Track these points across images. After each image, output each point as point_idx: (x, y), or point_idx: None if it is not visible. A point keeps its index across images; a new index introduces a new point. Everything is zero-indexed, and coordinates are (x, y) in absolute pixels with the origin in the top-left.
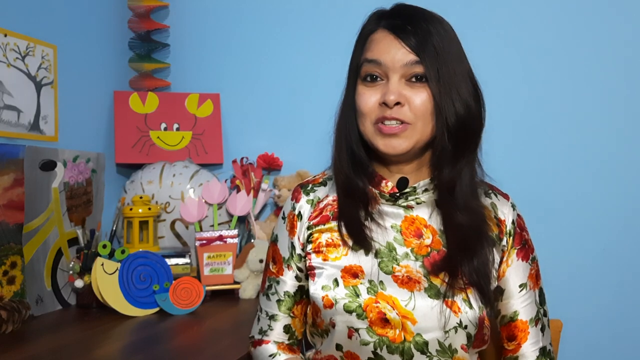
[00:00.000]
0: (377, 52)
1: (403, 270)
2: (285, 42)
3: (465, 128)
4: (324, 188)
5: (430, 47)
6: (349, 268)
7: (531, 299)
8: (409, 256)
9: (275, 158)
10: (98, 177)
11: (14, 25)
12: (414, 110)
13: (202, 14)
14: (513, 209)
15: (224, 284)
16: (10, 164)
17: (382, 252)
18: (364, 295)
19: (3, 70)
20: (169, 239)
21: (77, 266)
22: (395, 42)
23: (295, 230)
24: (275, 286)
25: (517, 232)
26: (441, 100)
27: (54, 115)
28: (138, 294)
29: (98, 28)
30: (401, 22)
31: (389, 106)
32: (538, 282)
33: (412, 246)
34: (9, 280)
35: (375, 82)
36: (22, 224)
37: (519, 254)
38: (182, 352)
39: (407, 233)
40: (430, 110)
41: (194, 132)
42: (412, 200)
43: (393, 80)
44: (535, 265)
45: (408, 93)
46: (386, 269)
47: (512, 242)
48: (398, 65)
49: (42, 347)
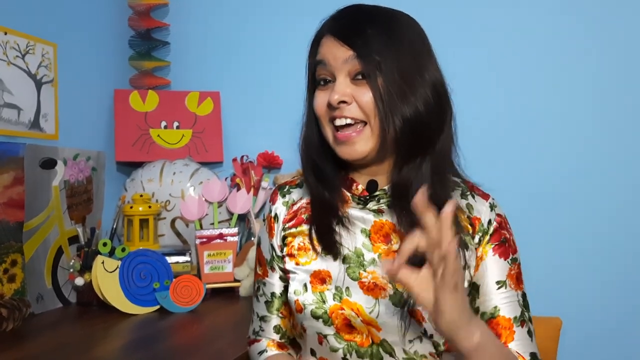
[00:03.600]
0: (322, 53)
1: (369, 276)
2: (286, 40)
3: (414, 131)
4: (299, 190)
5: (371, 42)
6: (318, 273)
7: (513, 298)
8: (376, 262)
9: (275, 156)
10: (98, 175)
11: (14, 24)
12: (362, 108)
13: (202, 12)
14: (491, 209)
15: (224, 282)
16: (10, 162)
17: (350, 258)
18: (330, 301)
19: (3, 68)
20: (169, 237)
21: (77, 264)
22: (335, 43)
23: (273, 232)
24: (263, 288)
25: (495, 229)
26: (385, 98)
27: (54, 114)
28: (138, 292)
29: (98, 26)
30: (342, 22)
31: (334, 106)
32: (520, 285)
33: (379, 251)
34: (10, 278)
35: (327, 84)
36: (23, 222)
37: (496, 250)
38: (182, 350)
39: (376, 238)
40: (379, 109)
41: (194, 130)
42: (383, 203)
43: (339, 81)
44: (516, 267)
45: (354, 91)
46: (353, 275)
47: (487, 239)
48: (340, 62)
49: (43, 345)
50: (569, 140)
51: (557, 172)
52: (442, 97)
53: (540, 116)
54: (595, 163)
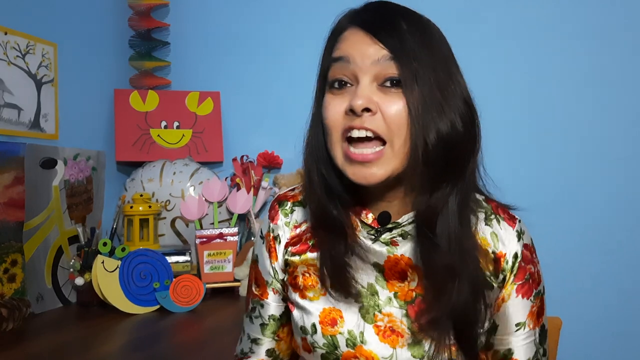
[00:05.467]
0: (344, 49)
1: (385, 319)
2: (286, 40)
3: (449, 150)
4: (302, 211)
5: (409, 44)
6: (328, 312)
7: (530, 338)
8: (392, 302)
9: (275, 156)
10: (98, 175)
11: (15, 24)
12: (388, 121)
13: (202, 12)
14: (519, 238)
15: (224, 282)
16: (10, 162)
17: (364, 296)
18: (343, 347)
19: (3, 68)
20: (169, 236)
21: (77, 264)
22: (366, 38)
23: (275, 253)
24: (260, 310)
25: (520, 266)
26: (419, 111)
27: (55, 114)
28: (138, 292)
29: (98, 26)
30: (374, 17)
31: (356, 113)
32: (540, 319)
33: (395, 290)
34: (10, 278)
35: (343, 88)
36: (23, 222)
37: (519, 290)
38: (182, 349)
39: (390, 275)
40: (408, 123)
41: (194, 130)
42: (396, 233)
43: (363, 83)
44: (538, 302)
45: (380, 100)
46: (368, 317)
47: (511, 278)
48: (368, 62)
49: (43, 344)
50: (569, 140)
51: (557, 171)
52: (472, 110)
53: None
54: (596, 163)
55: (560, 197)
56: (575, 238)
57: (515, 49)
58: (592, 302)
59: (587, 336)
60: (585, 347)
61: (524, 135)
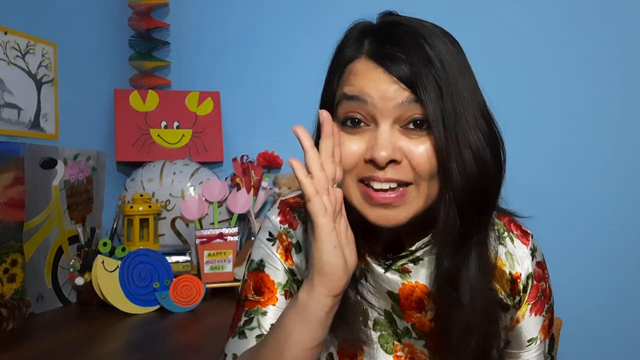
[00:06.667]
0: (359, 86)
1: (405, 349)
2: (286, 40)
3: (474, 191)
4: None
5: (432, 79)
6: (347, 342)
7: (539, 350)
8: (411, 333)
9: (275, 156)
10: (98, 175)
11: (14, 24)
12: (415, 167)
13: (202, 12)
14: (532, 257)
15: (224, 282)
16: (10, 162)
17: (381, 324)
18: None
19: (3, 68)
20: (169, 236)
21: (77, 264)
22: (383, 76)
23: (291, 255)
24: (259, 320)
25: (533, 285)
26: (447, 152)
27: (55, 113)
28: (138, 292)
29: (98, 26)
30: (390, 46)
31: (379, 166)
32: (550, 330)
33: (412, 320)
34: (10, 278)
35: (357, 127)
36: (23, 222)
37: (533, 309)
38: (182, 349)
39: (407, 305)
40: (437, 166)
41: (194, 130)
42: (406, 260)
43: (383, 128)
44: (549, 315)
45: (406, 145)
46: (387, 346)
47: (526, 298)
48: (390, 105)
49: (43, 344)
50: (570, 139)
51: (558, 171)
52: (499, 143)
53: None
54: (595, 163)
55: (560, 197)
56: (575, 237)
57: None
58: (591, 300)
59: (587, 335)
60: (585, 346)
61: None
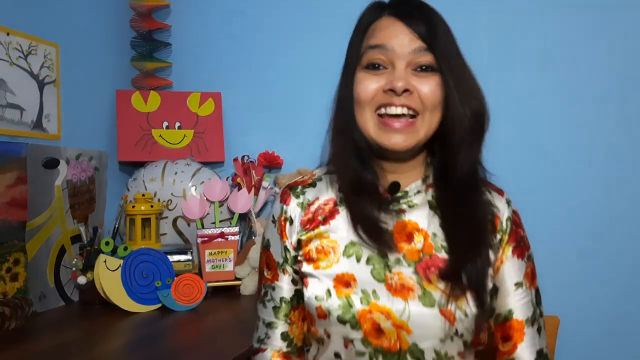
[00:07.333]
0: (382, 37)
1: (395, 277)
2: (286, 40)
3: (478, 122)
4: (313, 190)
5: (440, 36)
6: (341, 277)
7: (527, 297)
8: (401, 262)
9: (276, 156)
10: (101, 175)
11: (17, 24)
12: (423, 99)
13: (203, 13)
14: (508, 205)
15: (225, 281)
16: (13, 162)
17: (373, 259)
18: (357, 305)
19: (6, 68)
20: (171, 236)
21: (80, 263)
22: (403, 28)
23: (285, 233)
24: (271, 293)
25: (512, 228)
26: (456, 90)
27: (57, 114)
28: (140, 291)
29: (100, 27)
30: (409, 8)
31: (397, 93)
32: (534, 281)
33: (403, 252)
34: (12, 277)
35: (378, 70)
36: (25, 222)
37: (515, 252)
38: (183, 348)
39: (398, 237)
40: (439, 100)
41: (196, 130)
42: (403, 203)
43: (399, 68)
44: (531, 264)
45: (415, 82)
46: (378, 276)
47: (507, 239)
48: (406, 51)
49: (45, 343)
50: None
51: (557, 171)
52: None
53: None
54: (595, 163)
55: (560, 197)
56: (574, 237)
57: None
58: (589, 299)
59: (585, 334)
60: (582, 344)
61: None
